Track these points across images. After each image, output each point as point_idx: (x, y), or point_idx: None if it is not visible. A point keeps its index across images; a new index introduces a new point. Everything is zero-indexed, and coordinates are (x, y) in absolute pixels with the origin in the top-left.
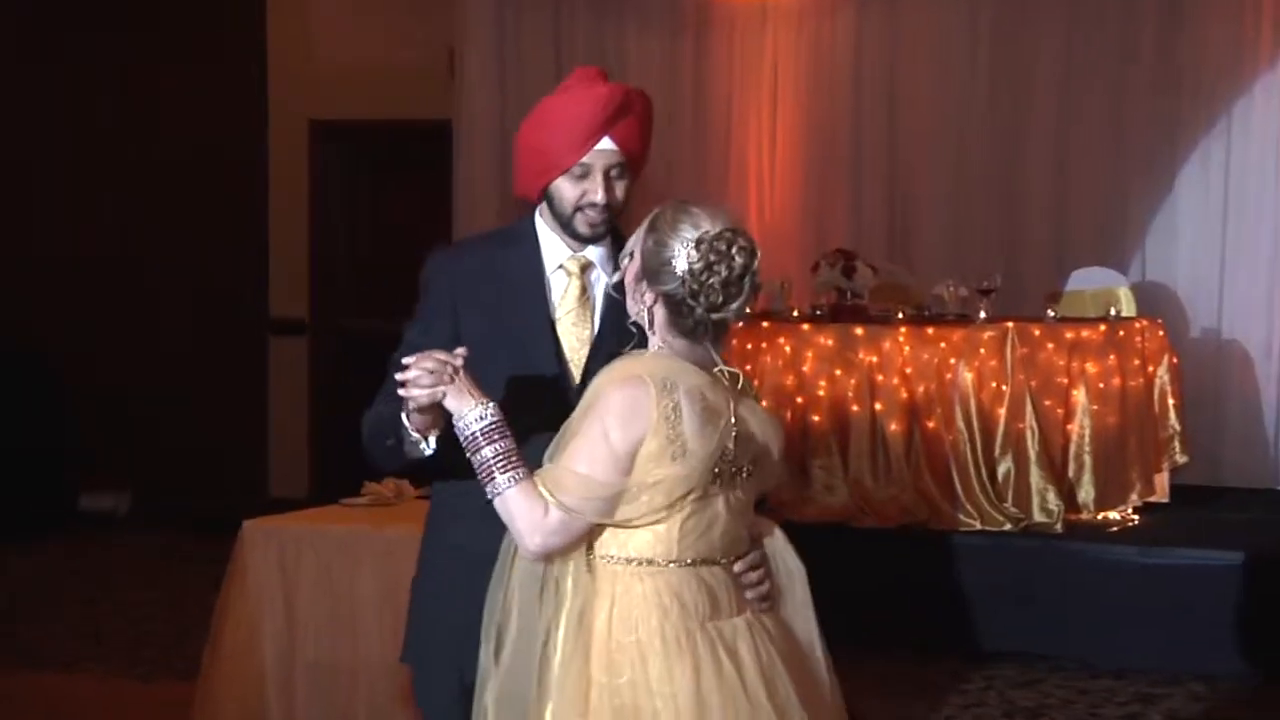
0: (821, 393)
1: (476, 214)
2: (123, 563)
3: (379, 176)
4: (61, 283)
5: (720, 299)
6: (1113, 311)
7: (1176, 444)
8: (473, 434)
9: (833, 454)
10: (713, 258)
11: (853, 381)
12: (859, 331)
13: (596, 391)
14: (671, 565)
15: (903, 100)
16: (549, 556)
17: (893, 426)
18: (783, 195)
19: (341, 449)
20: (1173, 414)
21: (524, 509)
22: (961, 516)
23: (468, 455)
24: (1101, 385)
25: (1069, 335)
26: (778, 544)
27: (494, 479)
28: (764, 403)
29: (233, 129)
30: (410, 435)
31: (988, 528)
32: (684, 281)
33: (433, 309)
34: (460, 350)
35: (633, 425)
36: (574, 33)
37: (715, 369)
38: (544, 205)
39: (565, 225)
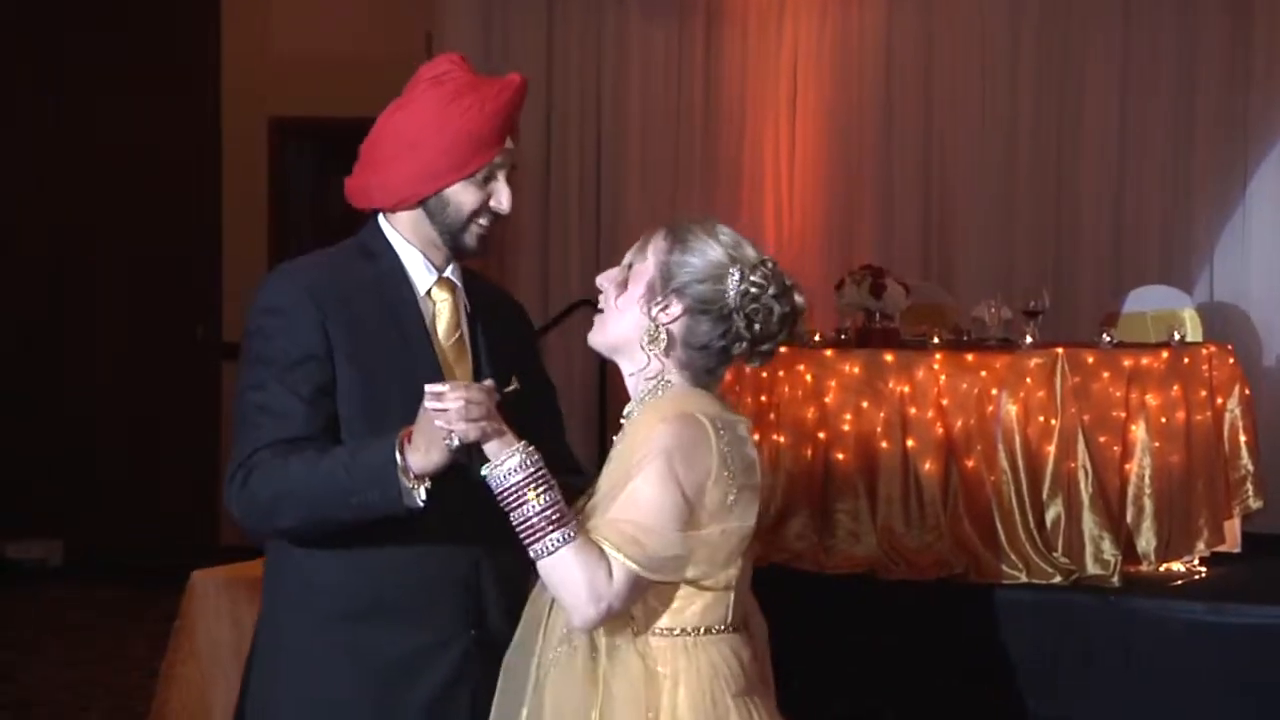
0: (846, 427)
1: None
2: (55, 620)
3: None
4: None
5: (775, 329)
6: (1176, 336)
7: (1249, 486)
8: (515, 484)
9: (859, 497)
10: (775, 289)
11: (882, 415)
12: (889, 358)
13: (639, 433)
14: (727, 631)
15: (939, 98)
16: (593, 632)
17: (927, 466)
18: (803, 205)
19: None
20: (1245, 452)
21: (582, 571)
22: (1005, 568)
23: (506, 510)
24: (1164, 419)
25: (1127, 363)
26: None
27: (544, 536)
28: (781, 438)
29: (181, 127)
30: (405, 483)
31: (1035, 580)
32: (744, 296)
33: (295, 346)
34: (489, 382)
35: (697, 468)
36: (568, 18)
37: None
38: (406, 215)
39: (452, 235)
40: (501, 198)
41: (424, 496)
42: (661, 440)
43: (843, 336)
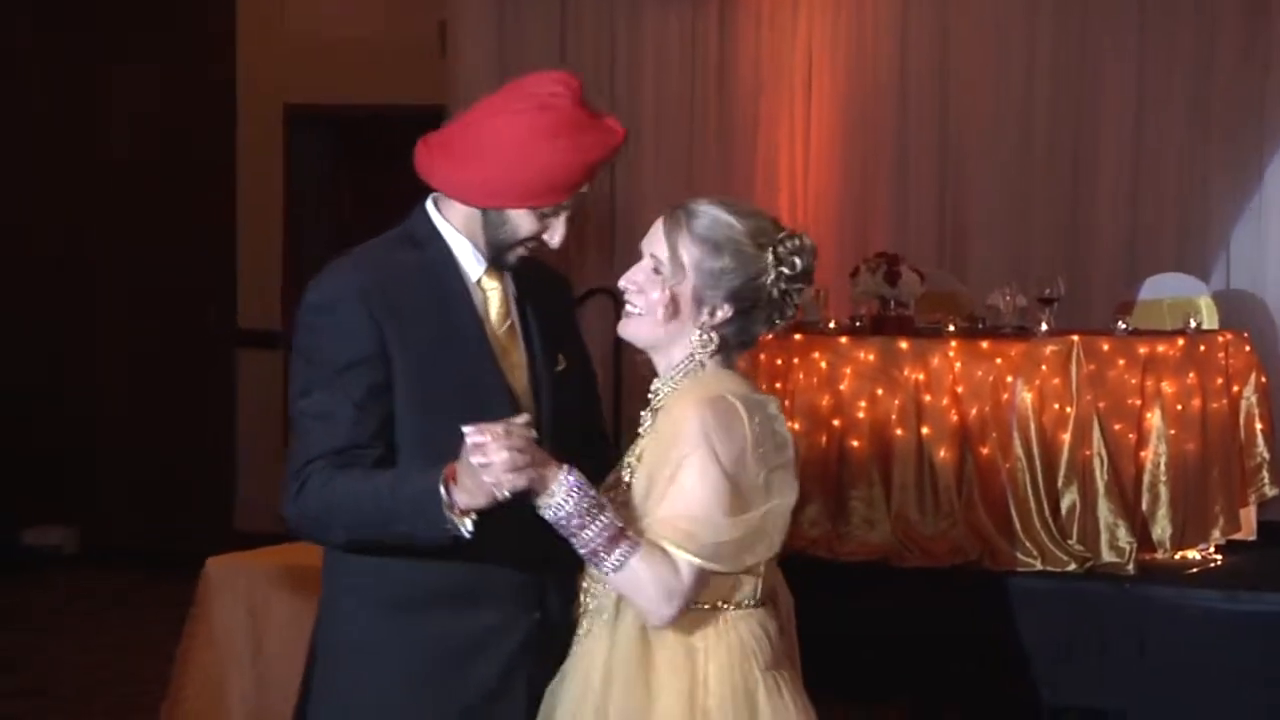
0: (861, 414)
1: None
2: (70, 606)
3: (362, 168)
4: None
5: (796, 299)
6: (1192, 323)
7: (1265, 474)
8: (568, 514)
9: (874, 484)
10: (804, 262)
11: (896, 402)
12: (904, 345)
13: (672, 419)
14: (755, 606)
15: (955, 86)
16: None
17: (942, 453)
18: (818, 194)
19: None
20: (1261, 440)
21: (652, 576)
22: (1020, 555)
23: (565, 537)
24: (1179, 407)
25: (1142, 350)
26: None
27: (608, 556)
28: (796, 426)
29: (196, 114)
30: (448, 518)
31: (1050, 568)
32: (781, 277)
33: (345, 348)
34: (524, 417)
35: (733, 449)
36: (582, 5)
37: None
38: (461, 208)
39: (496, 250)
40: (556, 235)
41: (470, 527)
42: (698, 427)
43: (857, 324)
